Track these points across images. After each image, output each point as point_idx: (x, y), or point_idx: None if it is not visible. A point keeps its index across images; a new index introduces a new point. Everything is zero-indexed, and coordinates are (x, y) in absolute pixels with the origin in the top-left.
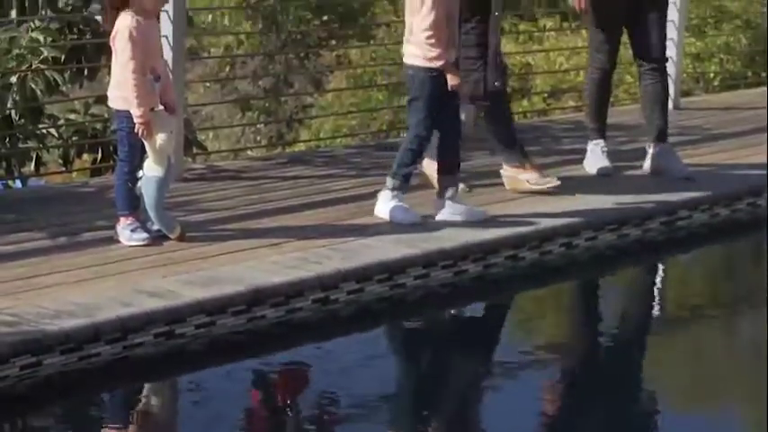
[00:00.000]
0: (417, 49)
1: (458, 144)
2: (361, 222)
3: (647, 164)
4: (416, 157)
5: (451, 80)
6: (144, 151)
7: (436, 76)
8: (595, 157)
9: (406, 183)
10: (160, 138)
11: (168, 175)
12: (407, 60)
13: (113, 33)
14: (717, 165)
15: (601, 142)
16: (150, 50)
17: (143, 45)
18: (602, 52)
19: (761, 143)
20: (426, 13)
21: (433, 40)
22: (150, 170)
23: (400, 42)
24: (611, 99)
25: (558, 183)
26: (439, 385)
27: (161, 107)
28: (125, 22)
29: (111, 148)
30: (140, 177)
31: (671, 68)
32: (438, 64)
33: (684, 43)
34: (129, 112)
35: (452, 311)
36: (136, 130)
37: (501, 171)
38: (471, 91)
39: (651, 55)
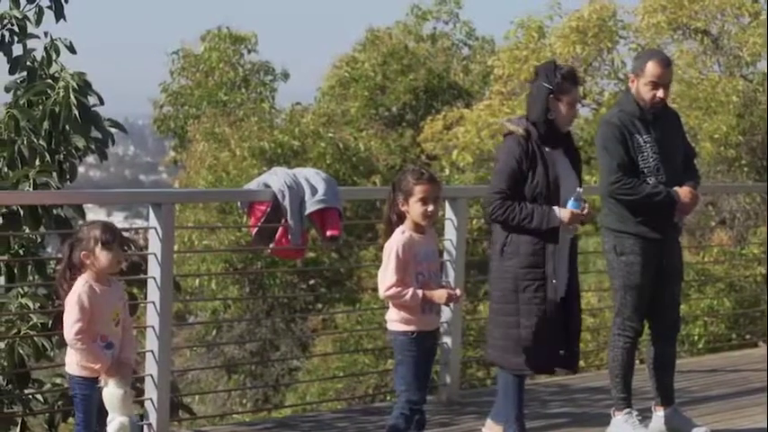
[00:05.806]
0: (393, 313)
1: None
2: None
3: (657, 425)
4: (409, 423)
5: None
6: (103, 417)
7: (415, 339)
8: (632, 428)
9: None
10: (115, 393)
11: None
12: (388, 326)
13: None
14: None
15: (633, 411)
16: (101, 318)
17: (93, 311)
18: (634, 321)
19: (745, 406)
20: (384, 276)
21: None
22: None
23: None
24: None
25: None
26: None
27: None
28: (76, 286)
29: None
30: None
31: None
32: (412, 327)
33: None
34: (80, 378)
35: None
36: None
37: (483, 429)
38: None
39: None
